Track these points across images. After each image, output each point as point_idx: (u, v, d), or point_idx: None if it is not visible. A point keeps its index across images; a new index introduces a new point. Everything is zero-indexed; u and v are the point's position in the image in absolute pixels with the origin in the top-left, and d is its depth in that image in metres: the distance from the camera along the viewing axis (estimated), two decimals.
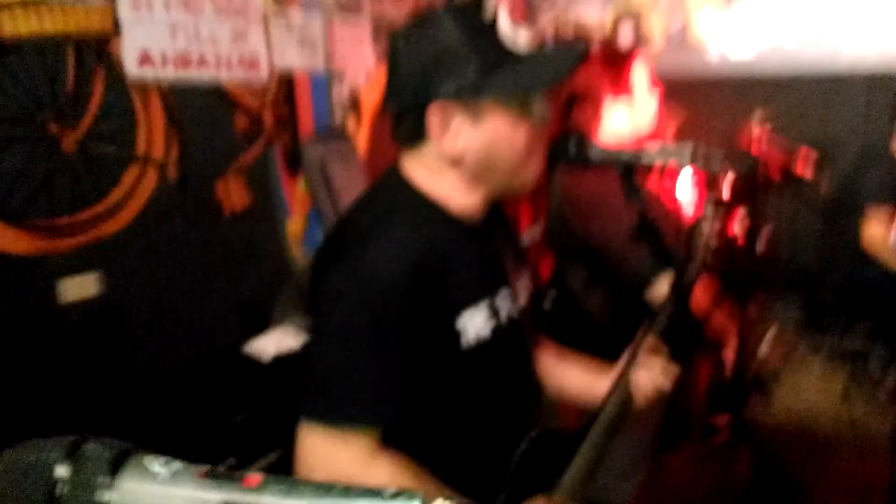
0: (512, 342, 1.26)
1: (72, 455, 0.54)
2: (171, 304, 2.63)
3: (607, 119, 1.99)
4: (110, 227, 2.44)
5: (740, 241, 3.29)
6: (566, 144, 1.24)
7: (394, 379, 1.08)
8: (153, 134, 2.55)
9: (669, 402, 1.91)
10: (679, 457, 1.62)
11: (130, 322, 2.50)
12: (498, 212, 1.32)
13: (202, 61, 2.64)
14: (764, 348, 3.74)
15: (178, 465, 0.55)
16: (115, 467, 0.54)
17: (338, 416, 1.06)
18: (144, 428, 2.42)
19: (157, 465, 0.55)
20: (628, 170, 1.18)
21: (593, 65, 2.01)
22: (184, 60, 2.58)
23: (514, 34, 1.12)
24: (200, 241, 2.73)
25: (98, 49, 2.36)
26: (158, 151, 2.57)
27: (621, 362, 1.39)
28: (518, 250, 1.39)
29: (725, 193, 2.76)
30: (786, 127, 3.72)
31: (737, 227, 3.27)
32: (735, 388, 1.69)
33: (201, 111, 2.71)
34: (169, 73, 2.55)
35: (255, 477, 0.53)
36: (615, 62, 2.01)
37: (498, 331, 1.20)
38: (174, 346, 2.60)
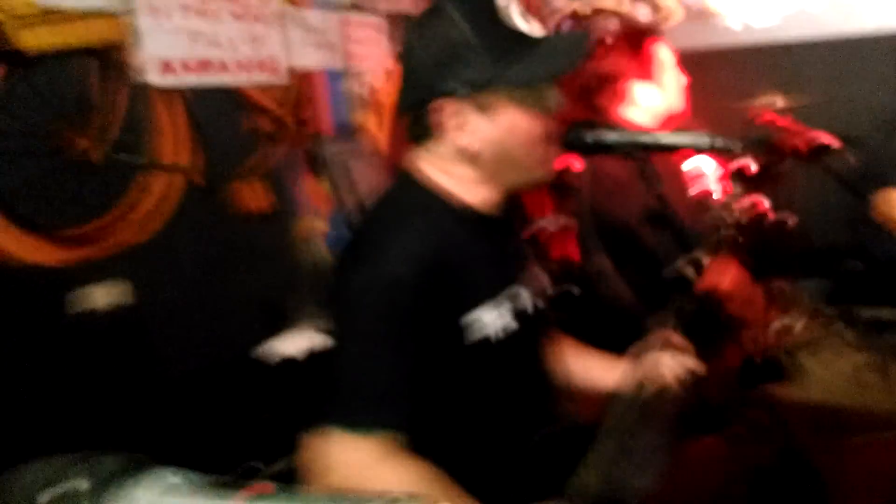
0: (526, 337, 1.26)
1: (90, 469, 0.57)
2: (200, 308, 2.68)
3: (636, 100, 1.99)
4: (139, 236, 2.49)
5: (766, 218, 3.26)
6: (579, 131, 1.23)
7: (412, 382, 1.08)
8: (177, 141, 2.60)
9: (697, 391, 1.91)
10: (699, 447, 1.63)
11: (159, 329, 2.54)
12: (514, 205, 1.33)
13: (222, 66, 2.68)
14: (795, 323, 3.70)
15: (191, 475, 0.58)
16: (131, 479, 0.57)
17: (360, 421, 1.05)
18: (171, 433, 2.45)
19: (170, 476, 0.57)
20: (643, 154, 1.18)
21: (619, 47, 2.01)
22: (204, 66, 2.62)
23: (523, 18, 1.12)
24: (227, 245, 2.78)
25: (119, 58, 2.41)
26: (183, 158, 2.62)
27: (641, 349, 1.39)
28: (533, 243, 1.40)
29: (746, 174, 2.73)
30: (810, 95, 3.67)
31: (762, 204, 3.24)
32: (764, 367, 1.69)
33: (222, 115, 2.76)
34: (190, 80, 2.59)
35: (265, 485, 0.56)
36: (640, 44, 2.00)
37: (513, 325, 1.20)
38: (203, 350, 2.64)
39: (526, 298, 1.26)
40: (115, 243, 2.42)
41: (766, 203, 3.25)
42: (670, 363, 1.38)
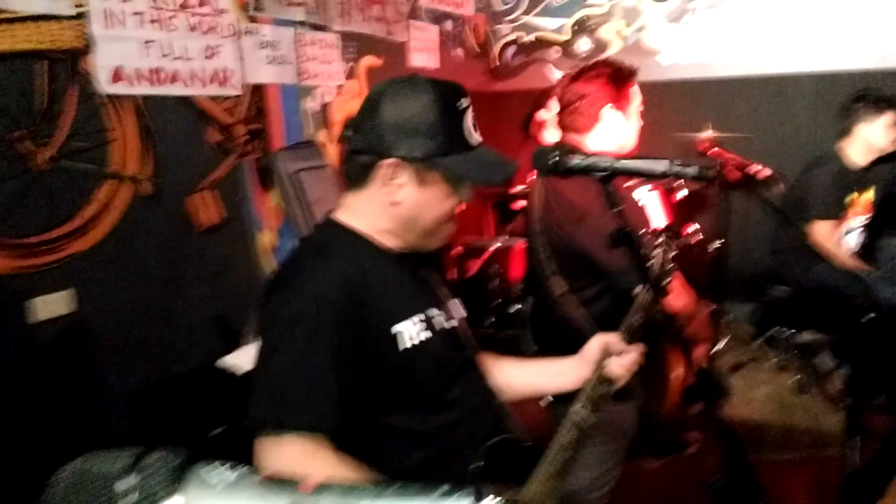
0: (450, 347, 1.40)
1: (136, 466, 0.58)
2: (145, 320, 2.62)
3: (604, 126, 2.07)
4: (84, 244, 2.43)
5: (700, 243, 3.42)
6: (547, 155, 1.32)
7: (327, 386, 1.19)
8: (127, 150, 2.55)
9: (645, 411, 1.97)
10: (649, 466, 1.67)
11: (104, 339, 2.48)
12: (431, 257, 1.51)
13: (175, 77, 2.66)
14: (721, 345, 3.87)
15: (238, 471, 0.59)
16: (179, 476, 0.57)
17: (277, 422, 1.17)
18: (118, 444, 2.42)
19: (218, 472, 0.58)
20: (607, 179, 1.26)
21: (601, 73, 2.08)
22: (157, 77, 2.59)
23: (473, 131, 1.33)
24: (174, 257, 2.73)
25: (70, 65, 2.36)
26: (132, 167, 2.58)
27: (586, 356, 1.48)
28: (448, 284, 1.56)
29: (680, 200, 2.83)
30: (739, 128, 3.88)
31: (697, 231, 3.40)
32: (703, 386, 1.77)
33: (174, 126, 2.72)
34: (142, 90, 2.56)
35: (311, 482, 0.58)
36: (622, 77, 2.08)
37: (434, 337, 1.34)
38: (148, 363, 2.60)
39: (439, 319, 1.39)
40: (61, 252, 2.36)
41: (698, 229, 3.42)
42: (620, 361, 1.46)
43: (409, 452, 1.31)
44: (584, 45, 4.70)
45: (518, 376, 1.60)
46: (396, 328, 1.28)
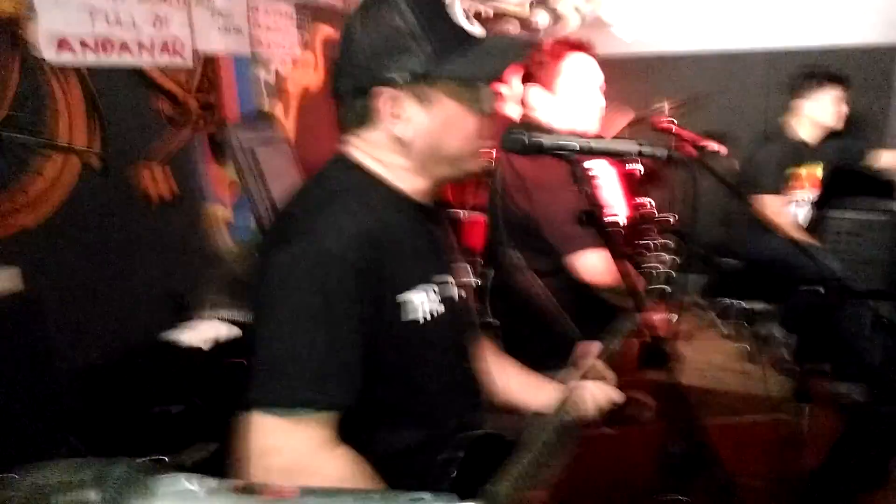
0: (453, 324, 1.25)
1: (101, 479, 0.53)
2: (96, 296, 2.57)
3: (530, 104, 2.05)
4: (30, 219, 2.36)
5: (655, 217, 3.45)
6: (517, 133, 1.24)
7: (348, 357, 1.05)
8: (74, 121, 2.47)
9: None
10: (603, 437, 1.67)
11: (52, 316, 2.41)
12: (444, 212, 1.35)
13: (123, 47, 2.57)
14: (674, 314, 3.95)
15: (212, 482, 0.55)
16: (144, 488, 0.54)
17: (292, 400, 1.00)
18: (71, 424, 2.38)
19: (191, 483, 0.55)
20: (575, 157, 1.22)
21: (546, 53, 2.06)
22: (104, 46, 2.50)
23: (465, 16, 1.14)
24: (125, 231, 2.67)
25: (11, 33, 2.27)
26: (80, 139, 2.49)
27: (569, 378, 1.42)
28: (457, 235, 1.41)
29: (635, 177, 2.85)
30: (692, 103, 3.91)
31: (652, 203, 3.43)
32: (650, 353, 1.78)
33: (124, 97, 2.64)
34: (88, 59, 2.46)
35: (291, 489, 0.56)
36: (552, 53, 2.06)
37: (442, 310, 1.19)
38: (99, 339, 2.55)
39: (452, 287, 1.24)
40: (6, 227, 2.29)
41: (651, 203, 3.45)
42: (594, 392, 1.42)
43: (385, 434, 1.17)
44: (542, 19, 4.68)
45: (515, 384, 1.49)
46: (405, 296, 1.12)
